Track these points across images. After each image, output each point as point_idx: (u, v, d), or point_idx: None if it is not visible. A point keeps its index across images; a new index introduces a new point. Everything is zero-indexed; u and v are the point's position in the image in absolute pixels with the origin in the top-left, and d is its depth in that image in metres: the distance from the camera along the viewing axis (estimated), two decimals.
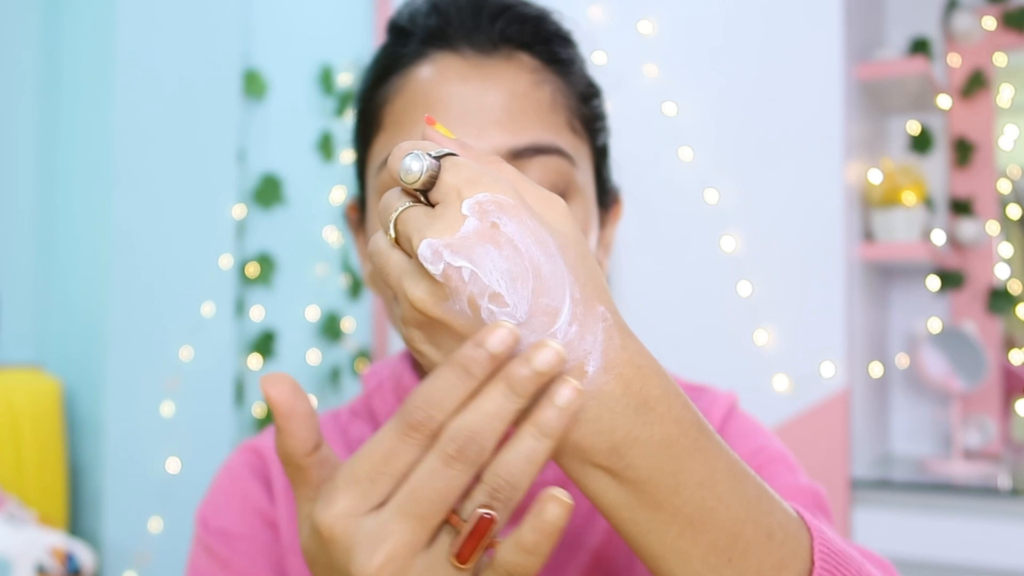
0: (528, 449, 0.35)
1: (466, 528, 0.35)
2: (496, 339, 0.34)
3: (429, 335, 0.38)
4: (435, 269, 0.35)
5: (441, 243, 0.35)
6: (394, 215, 0.38)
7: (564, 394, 0.35)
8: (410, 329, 0.38)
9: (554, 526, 0.35)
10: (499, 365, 0.35)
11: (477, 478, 0.35)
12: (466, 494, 0.35)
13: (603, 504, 0.39)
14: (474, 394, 0.35)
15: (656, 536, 0.39)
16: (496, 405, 0.34)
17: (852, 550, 0.45)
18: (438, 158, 0.37)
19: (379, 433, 0.35)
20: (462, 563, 0.35)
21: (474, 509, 0.35)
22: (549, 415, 0.35)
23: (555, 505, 0.35)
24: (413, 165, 0.36)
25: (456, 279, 0.35)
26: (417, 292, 0.36)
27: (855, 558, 0.44)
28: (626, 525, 0.39)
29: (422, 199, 0.37)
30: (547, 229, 0.37)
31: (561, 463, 0.39)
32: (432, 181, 0.37)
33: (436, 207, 0.37)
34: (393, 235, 0.38)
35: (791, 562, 0.41)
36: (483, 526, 0.35)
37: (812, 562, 0.41)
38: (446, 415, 0.34)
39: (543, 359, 0.34)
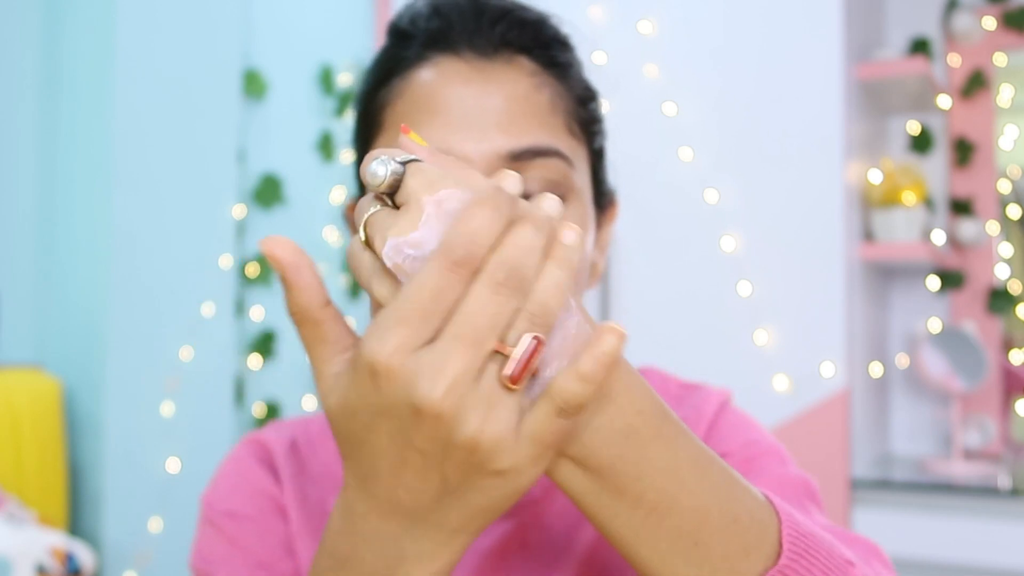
0: (556, 276, 0.37)
1: (519, 350, 0.36)
2: (511, 182, 0.40)
3: None
4: (391, 264, 0.37)
5: (400, 240, 0.37)
6: (364, 218, 0.40)
7: (569, 235, 0.38)
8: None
9: (611, 356, 0.36)
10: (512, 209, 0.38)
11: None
12: (509, 324, 0.37)
13: (571, 492, 0.41)
14: (505, 231, 0.37)
15: (622, 521, 0.41)
16: (529, 239, 0.36)
17: (825, 533, 0.46)
18: (404, 163, 0.39)
19: (421, 274, 0.36)
20: (514, 384, 0.36)
21: (520, 335, 0.37)
22: (563, 250, 0.38)
23: (613, 336, 0.36)
24: (379, 170, 0.38)
25: (412, 272, 0.37)
26: (382, 291, 0.38)
27: (825, 540, 0.45)
28: (594, 511, 0.41)
29: (389, 203, 0.39)
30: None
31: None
32: (396, 185, 0.38)
33: (400, 210, 0.38)
34: (363, 237, 0.40)
35: (759, 545, 0.42)
36: (534, 348, 0.36)
37: (780, 545, 0.43)
38: (485, 250, 0.36)
39: (550, 204, 0.39)
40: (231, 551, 0.63)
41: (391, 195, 0.39)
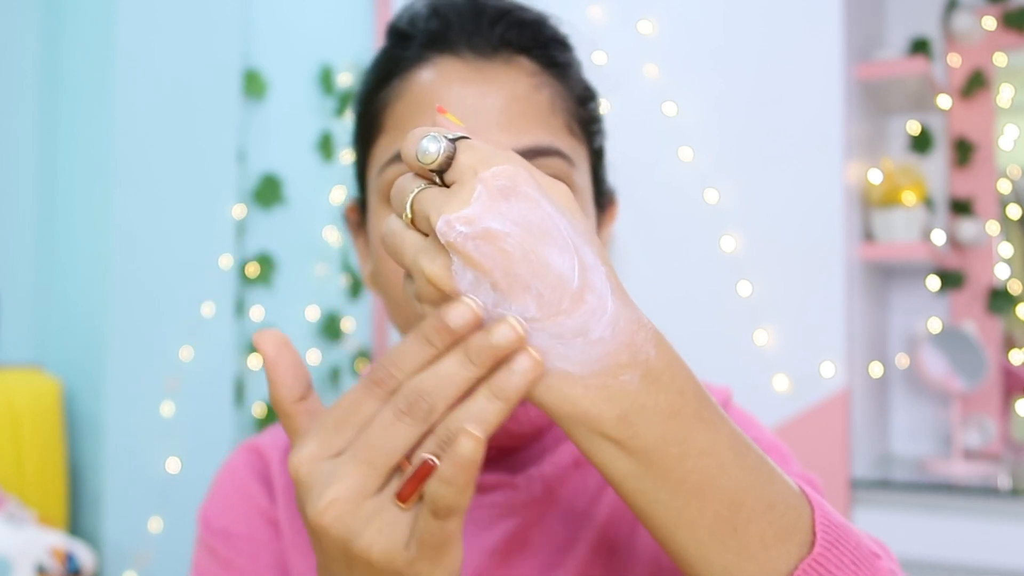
0: (479, 409, 0.37)
1: (409, 471, 0.37)
2: (455, 314, 0.37)
3: None
4: (446, 241, 0.37)
5: (457, 216, 0.37)
6: (411, 196, 0.40)
7: (522, 363, 0.37)
8: (424, 306, 0.40)
9: (469, 459, 0.36)
10: (460, 337, 0.37)
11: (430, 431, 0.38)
12: (418, 446, 0.38)
13: (612, 475, 0.41)
14: (435, 359, 0.37)
15: (662, 505, 0.41)
16: (451, 370, 0.37)
17: (853, 525, 0.46)
18: (453, 141, 0.39)
19: (350, 388, 0.38)
20: (402, 502, 0.38)
21: (422, 456, 0.38)
22: (505, 379, 0.37)
23: (467, 439, 0.37)
24: (431, 146, 0.38)
25: (472, 250, 0.37)
26: (434, 268, 0.38)
27: (855, 532, 0.45)
28: (634, 495, 0.41)
29: (437, 181, 0.39)
30: (557, 206, 0.39)
31: (571, 435, 0.40)
32: (448, 162, 0.39)
33: (452, 186, 0.38)
34: (409, 215, 0.40)
35: (793, 532, 0.42)
36: (424, 470, 0.37)
37: (814, 533, 0.43)
38: (405, 375, 0.37)
39: (502, 334, 0.37)
40: (225, 574, 0.63)
41: (439, 172, 0.39)
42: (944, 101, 2.25)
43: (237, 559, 0.63)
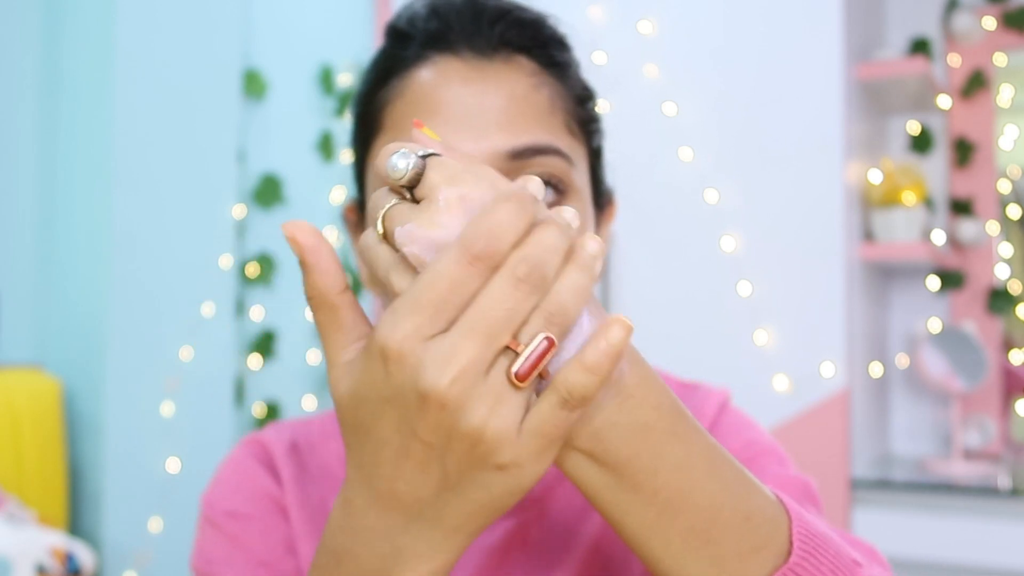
0: (576, 279, 0.37)
1: (529, 348, 0.36)
2: (534, 185, 0.39)
3: None
4: (411, 257, 0.37)
5: (421, 232, 0.37)
6: (382, 212, 0.39)
7: (591, 245, 0.38)
8: None
9: (616, 348, 0.36)
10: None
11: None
12: (524, 322, 0.37)
13: (586, 487, 0.41)
14: (529, 229, 0.37)
15: (636, 518, 0.41)
16: (553, 238, 0.36)
17: (834, 535, 0.46)
18: (424, 157, 0.39)
19: (439, 264, 0.36)
20: (520, 382, 0.36)
21: (531, 334, 0.37)
22: (585, 256, 0.38)
23: (620, 327, 0.36)
24: (400, 163, 0.38)
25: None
26: (402, 283, 0.38)
27: (834, 541, 0.45)
28: (608, 507, 0.41)
29: (408, 196, 0.39)
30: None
31: None
32: (417, 178, 0.39)
33: (420, 203, 0.38)
34: (381, 231, 0.39)
35: (769, 544, 0.42)
36: (545, 349, 0.36)
37: (791, 544, 0.43)
38: (507, 247, 0.36)
39: (570, 214, 0.39)
40: (232, 550, 0.63)
41: (410, 188, 0.39)
42: (944, 101, 2.25)
43: (245, 536, 0.63)
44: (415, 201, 0.39)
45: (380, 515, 0.40)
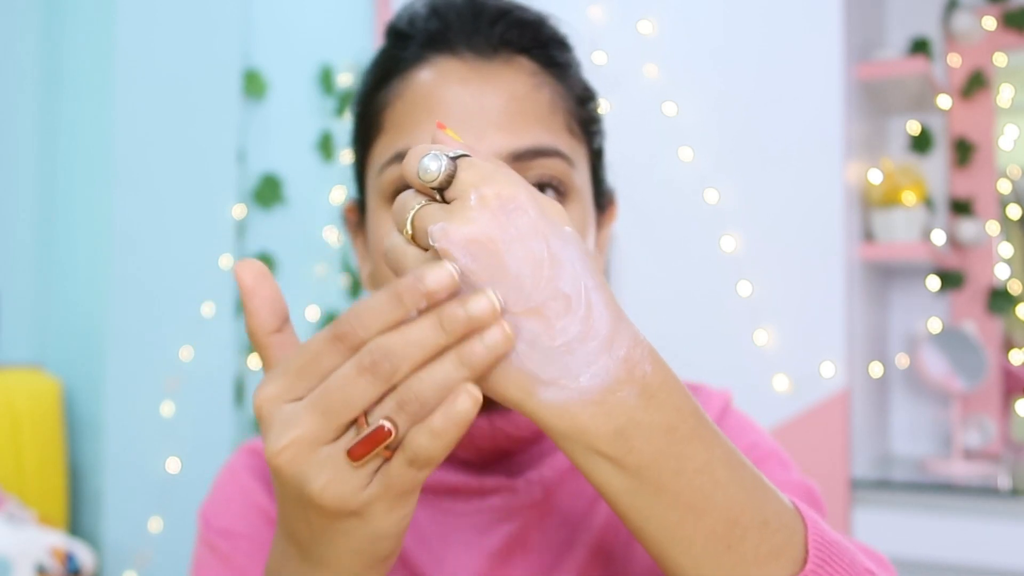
0: (444, 373, 0.37)
1: (365, 431, 0.38)
2: (433, 276, 0.37)
3: None
4: (451, 257, 0.38)
5: (457, 232, 0.38)
6: (411, 213, 0.40)
7: (494, 334, 0.37)
8: None
9: (464, 417, 0.37)
10: (433, 302, 0.37)
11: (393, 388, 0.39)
12: (379, 402, 0.38)
13: (607, 491, 0.41)
14: (401, 320, 0.38)
15: (658, 522, 0.41)
16: (421, 334, 0.37)
17: (847, 542, 0.46)
18: (454, 159, 0.39)
19: (315, 336, 0.39)
20: (353, 460, 0.38)
21: (380, 416, 0.38)
22: (474, 348, 0.37)
23: (467, 398, 0.37)
24: (432, 165, 0.39)
25: (468, 263, 0.38)
26: None
27: (848, 549, 0.45)
28: (629, 512, 0.41)
29: (438, 197, 0.40)
30: (555, 225, 0.40)
31: (567, 451, 0.41)
32: (449, 179, 0.39)
33: (453, 203, 0.39)
34: (410, 231, 0.40)
35: (786, 549, 0.42)
36: (379, 435, 0.38)
37: (806, 551, 0.43)
38: (370, 333, 0.37)
39: (478, 306, 0.37)
40: (224, 571, 0.64)
41: (440, 190, 0.39)
42: (944, 101, 2.25)
43: (237, 556, 0.63)
44: (445, 202, 0.39)
45: (288, 546, 0.44)
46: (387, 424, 0.37)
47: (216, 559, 0.64)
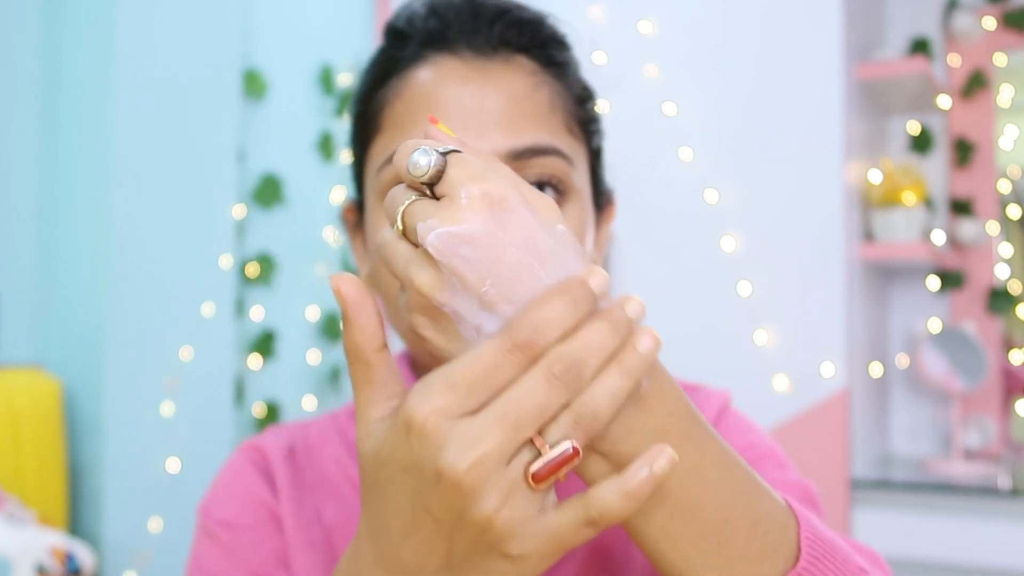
0: (613, 385, 0.37)
1: (552, 453, 0.36)
2: (597, 280, 0.37)
3: (433, 321, 0.39)
4: (437, 253, 0.37)
5: (445, 230, 0.37)
6: (401, 208, 0.40)
7: (646, 341, 0.38)
8: (415, 316, 0.40)
9: (659, 479, 0.36)
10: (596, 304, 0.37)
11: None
12: (552, 418, 0.37)
13: None
14: (579, 325, 0.36)
15: (648, 519, 0.41)
16: (601, 337, 0.36)
17: (840, 541, 0.46)
18: (444, 154, 0.39)
19: (482, 347, 0.36)
20: (537, 483, 0.36)
21: (560, 434, 0.36)
22: (633, 357, 0.37)
23: (666, 459, 0.37)
24: (421, 160, 0.38)
25: (459, 262, 0.37)
26: (423, 277, 0.38)
27: (841, 547, 0.45)
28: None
29: (428, 193, 0.39)
30: (546, 223, 0.39)
31: None
32: (439, 175, 0.39)
33: (442, 199, 0.38)
34: (400, 227, 0.39)
35: (778, 548, 0.43)
36: (568, 457, 0.36)
37: (798, 549, 0.43)
38: (550, 341, 0.36)
39: (634, 308, 0.38)
40: (225, 561, 0.63)
41: (430, 185, 0.39)
42: (944, 101, 2.25)
43: (238, 546, 0.63)
44: (435, 198, 0.39)
45: (383, 574, 0.40)
46: (574, 444, 0.36)
47: (217, 548, 0.63)
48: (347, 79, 2.42)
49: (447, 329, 0.39)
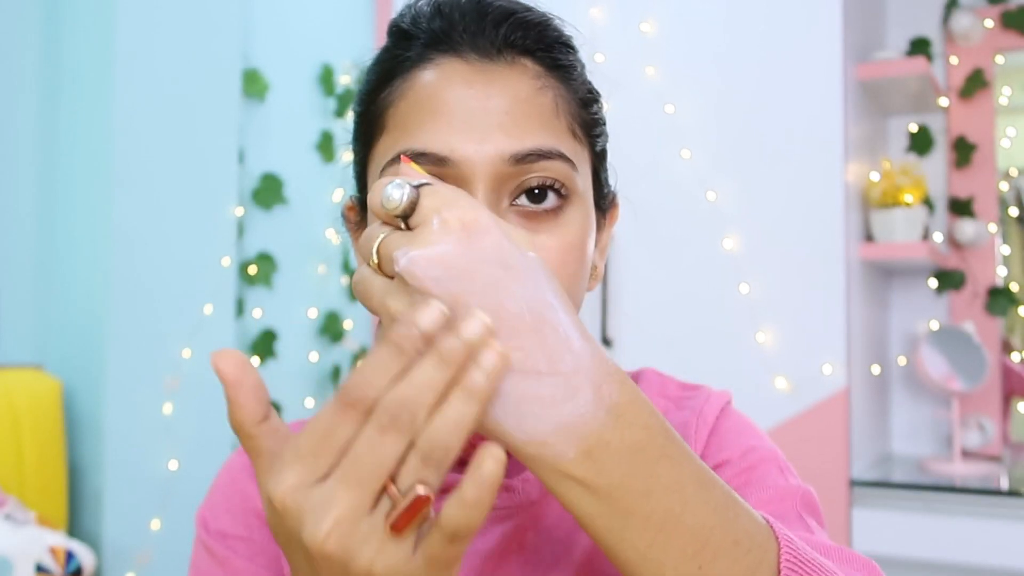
0: (457, 413, 0.37)
1: (403, 502, 0.37)
2: (426, 317, 0.37)
3: None
4: (412, 280, 0.38)
5: (419, 254, 0.38)
6: (376, 242, 0.40)
7: (489, 358, 0.37)
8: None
9: (492, 480, 0.36)
10: (429, 341, 0.37)
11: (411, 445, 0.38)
12: (402, 460, 0.37)
13: (579, 514, 0.41)
14: (406, 368, 0.37)
15: (629, 543, 0.41)
16: (427, 376, 0.36)
17: (824, 559, 0.46)
18: (417, 187, 0.40)
19: (320, 411, 0.37)
20: (396, 532, 0.37)
21: (411, 478, 0.37)
22: (476, 378, 0.37)
23: (492, 461, 0.36)
24: (394, 193, 0.39)
25: (431, 285, 0.38)
26: (398, 306, 0.39)
27: (824, 566, 0.45)
28: (601, 534, 0.41)
29: (403, 227, 0.40)
30: (518, 249, 0.40)
31: (538, 475, 0.41)
32: (412, 207, 0.39)
33: (416, 228, 0.39)
34: (376, 261, 0.40)
35: (758, 569, 0.43)
36: (419, 503, 0.37)
37: (778, 569, 0.43)
38: (379, 391, 0.37)
39: (471, 329, 0.37)
40: (221, 573, 0.64)
41: (404, 218, 0.40)
42: (944, 101, 2.25)
43: (234, 559, 0.64)
44: (410, 229, 0.40)
45: None
46: (422, 489, 0.37)
47: (213, 562, 0.64)
48: (347, 79, 2.42)
49: None
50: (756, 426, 0.68)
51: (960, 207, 2.29)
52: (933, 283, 2.29)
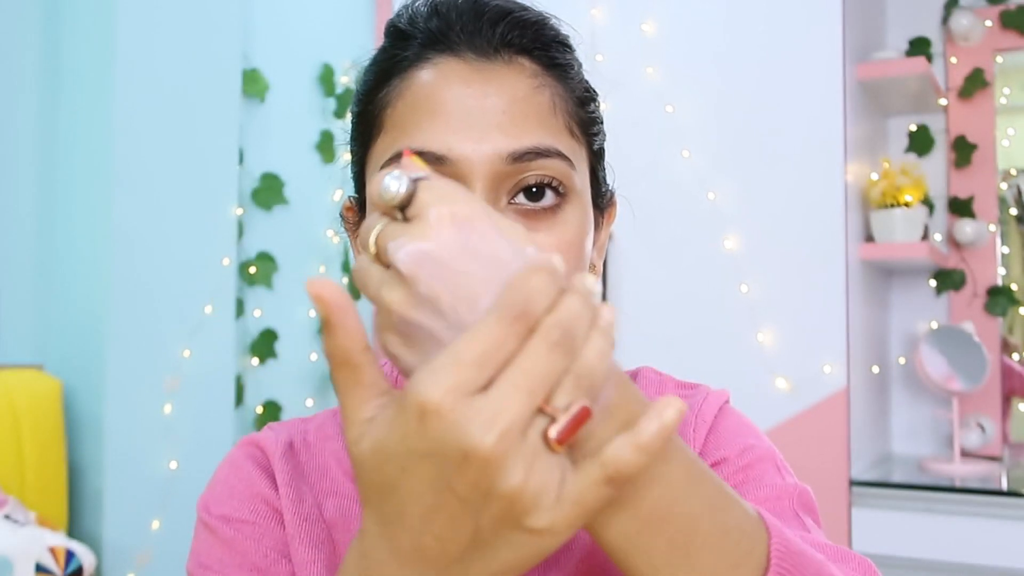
0: (599, 346, 0.38)
1: (568, 414, 0.37)
2: (558, 260, 0.39)
3: (404, 339, 0.40)
4: (407, 270, 0.38)
5: (415, 246, 0.38)
6: (374, 232, 0.41)
7: (607, 313, 0.39)
8: (386, 335, 0.40)
9: (670, 429, 0.37)
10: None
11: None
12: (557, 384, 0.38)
13: None
14: (559, 297, 0.38)
15: (618, 531, 0.41)
16: (580, 307, 0.37)
17: (815, 552, 0.46)
18: (415, 180, 0.40)
19: (480, 324, 0.37)
20: (559, 446, 0.37)
21: (567, 397, 0.37)
22: (604, 321, 0.39)
23: (674, 410, 0.37)
24: (392, 185, 0.40)
25: (424, 276, 0.38)
26: (393, 296, 0.39)
27: (814, 558, 0.45)
28: (592, 524, 0.42)
29: (400, 218, 0.40)
30: (513, 244, 0.40)
31: None
32: (409, 199, 0.40)
33: (412, 221, 0.40)
34: (374, 250, 0.40)
35: (747, 560, 0.43)
36: (583, 415, 0.37)
37: (768, 561, 0.43)
38: (542, 311, 0.37)
39: (588, 281, 0.39)
40: (226, 555, 0.63)
41: (402, 209, 0.40)
42: (944, 101, 2.25)
43: (239, 540, 0.63)
44: (407, 221, 0.40)
45: (400, 568, 0.40)
46: (585, 403, 0.37)
47: (219, 542, 0.63)
48: (347, 79, 2.43)
49: (417, 348, 0.39)
50: (754, 425, 0.68)
51: (960, 207, 2.29)
52: (933, 283, 2.29)
